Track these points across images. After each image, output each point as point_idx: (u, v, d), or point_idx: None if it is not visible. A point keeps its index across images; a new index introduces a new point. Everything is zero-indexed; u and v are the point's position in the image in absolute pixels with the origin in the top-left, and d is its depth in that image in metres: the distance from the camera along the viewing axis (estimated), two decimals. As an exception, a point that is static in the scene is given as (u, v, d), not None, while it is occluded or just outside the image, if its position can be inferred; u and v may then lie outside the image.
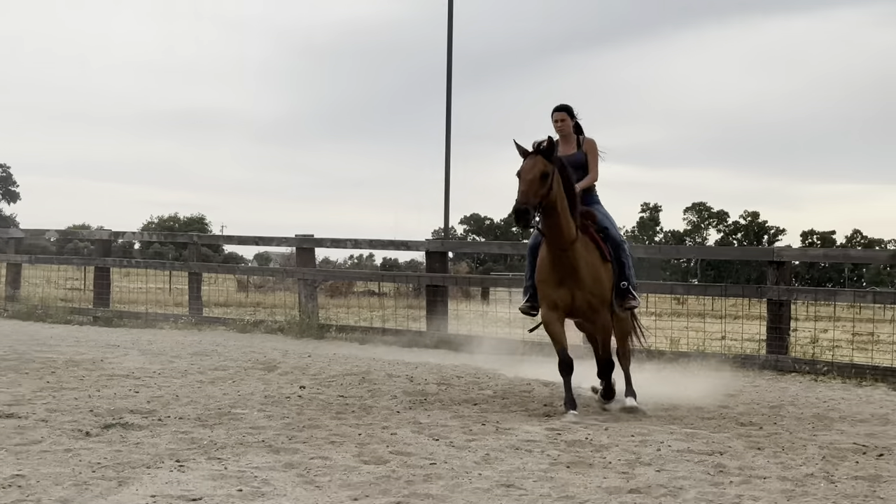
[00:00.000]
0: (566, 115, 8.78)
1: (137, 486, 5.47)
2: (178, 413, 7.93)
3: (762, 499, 5.54)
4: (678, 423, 8.14)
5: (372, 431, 7.34)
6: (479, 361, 12.49)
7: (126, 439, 6.78)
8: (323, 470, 5.98)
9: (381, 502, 5.26)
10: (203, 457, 6.23)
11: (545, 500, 5.39)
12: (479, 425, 7.89)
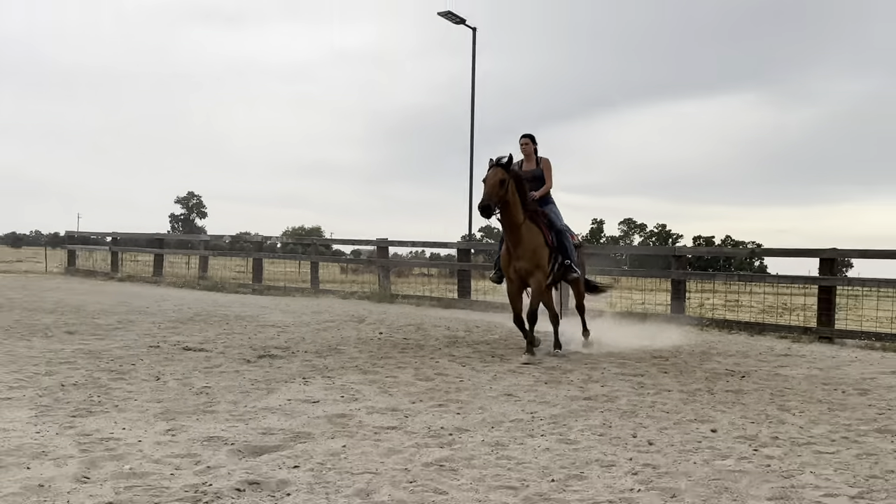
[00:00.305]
0: (529, 140, 8.60)
1: (279, 393, 5.66)
2: (303, 349, 8.06)
3: (668, 404, 5.69)
4: (616, 357, 8.22)
5: (423, 360, 7.50)
6: (491, 318, 12.50)
7: (272, 364, 6.95)
8: (393, 384, 6.18)
9: (429, 404, 5.44)
10: (319, 376, 6.42)
11: (531, 404, 5.57)
12: (490, 357, 8.09)
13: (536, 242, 7.91)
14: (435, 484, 3.57)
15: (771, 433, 4.87)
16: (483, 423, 4.86)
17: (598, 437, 4.60)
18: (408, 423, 4.81)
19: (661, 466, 4.01)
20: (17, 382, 5.65)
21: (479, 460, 4.00)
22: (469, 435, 4.54)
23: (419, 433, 4.55)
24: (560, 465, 3.95)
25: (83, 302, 13.33)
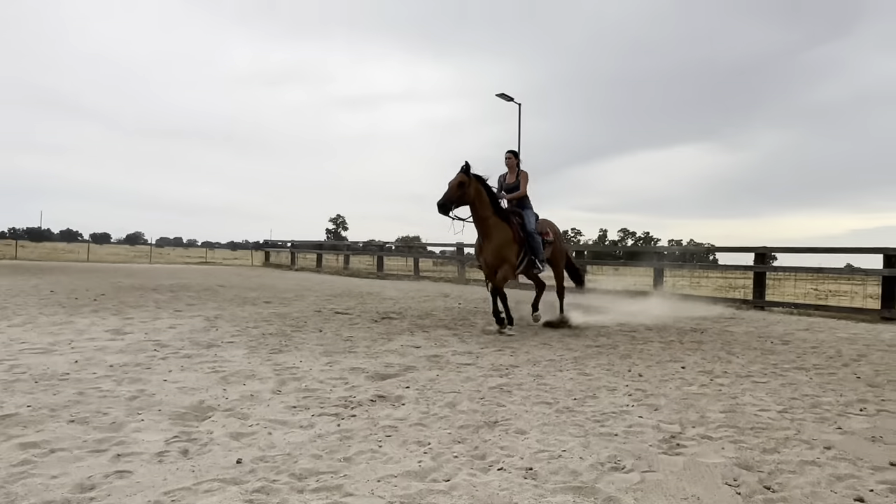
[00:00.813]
0: (512, 155, 6.92)
1: (395, 341, 5.73)
2: (410, 313, 8.13)
3: (652, 350, 5.55)
4: (616, 319, 8.03)
5: (489, 321, 7.46)
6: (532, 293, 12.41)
7: (390, 323, 7.04)
8: (469, 336, 6.18)
9: (492, 349, 5.43)
10: (420, 331, 6.47)
11: (560, 350, 5.51)
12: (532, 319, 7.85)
13: (503, 238, 6.40)
14: (497, 400, 3.58)
15: (722, 369, 4.71)
16: (528, 362, 4.84)
17: (605, 372, 4.52)
18: (478, 361, 4.83)
19: (648, 390, 3.92)
20: (237, 333, 5.88)
21: (525, 385, 3.99)
22: (519, 369, 4.53)
23: (486, 367, 4.56)
24: (580, 389, 3.91)
25: (274, 284, 13.75)
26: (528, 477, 2.41)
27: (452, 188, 6.12)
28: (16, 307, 7.20)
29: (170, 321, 6.51)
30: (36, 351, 4.56)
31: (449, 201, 6.12)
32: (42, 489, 2.11)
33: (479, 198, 6.32)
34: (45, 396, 3.28)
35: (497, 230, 6.42)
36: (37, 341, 4.97)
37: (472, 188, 6.23)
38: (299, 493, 2.18)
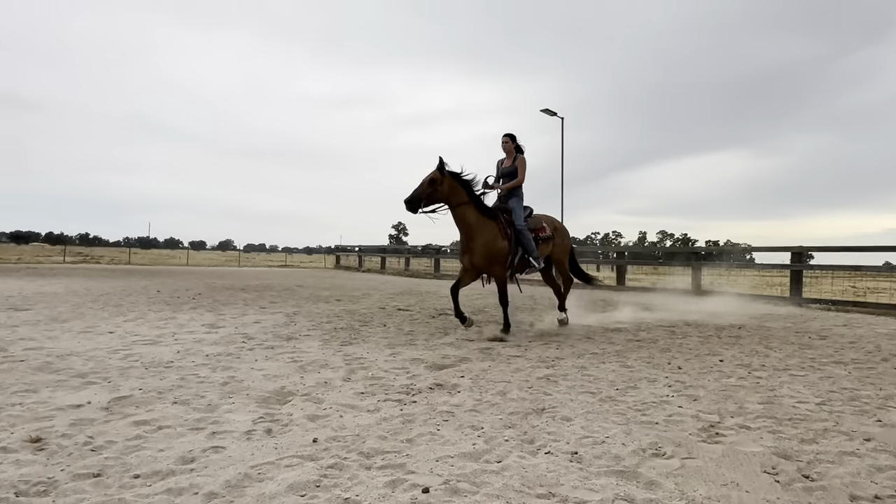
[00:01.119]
0: (509, 139, 5.75)
1: (451, 335, 5.72)
2: (465, 310, 8.12)
3: (690, 344, 5.34)
4: (655, 315, 7.76)
5: (535, 316, 7.35)
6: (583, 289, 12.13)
7: (447, 319, 7.05)
8: (517, 328, 6.08)
9: (539, 342, 5.36)
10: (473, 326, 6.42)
11: (602, 343, 5.39)
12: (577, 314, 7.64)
13: (489, 236, 5.41)
14: (544, 389, 3.53)
15: (759, 362, 4.48)
16: (572, 354, 4.75)
17: (646, 364, 4.39)
18: (526, 353, 4.77)
19: (687, 382, 3.78)
20: (312, 327, 6.03)
21: (570, 376, 3.92)
22: (564, 361, 4.45)
23: (533, 359, 4.50)
24: (621, 380, 3.81)
25: (344, 284, 14.05)
26: (574, 460, 2.37)
27: (423, 185, 5.27)
28: (130, 305, 7.65)
29: (255, 317, 6.75)
30: (146, 342, 4.82)
31: (417, 198, 5.26)
32: (152, 461, 2.23)
33: (455, 195, 5.37)
34: (154, 381, 3.47)
35: (481, 228, 5.43)
36: (146, 334, 5.26)
37: (444, 185, 5.33)
38: (367, 469, 2.22)
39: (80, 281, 12.33)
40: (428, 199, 5.31)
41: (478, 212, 5.46)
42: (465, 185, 5.45)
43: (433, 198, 5.33)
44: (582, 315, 7.66)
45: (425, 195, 5.28)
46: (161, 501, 1.89)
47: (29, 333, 5.04)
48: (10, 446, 2.31)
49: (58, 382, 3.36)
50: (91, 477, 2.06)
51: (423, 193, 5.27)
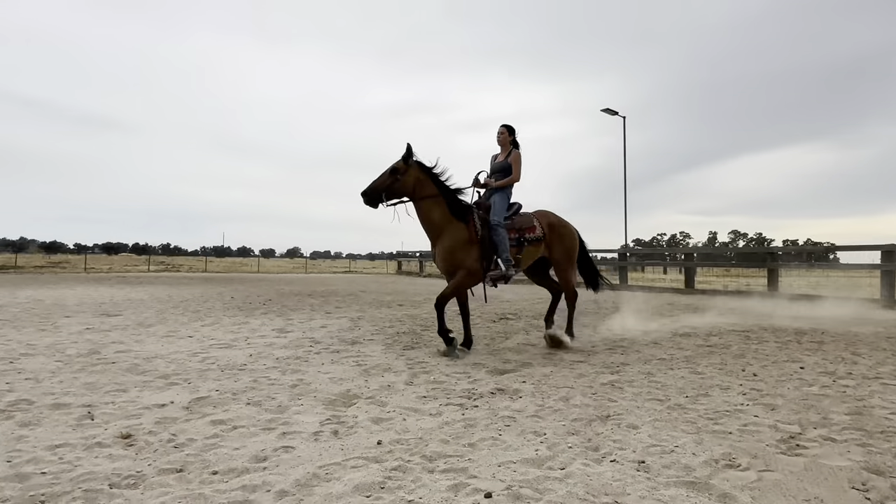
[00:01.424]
0: (506, 130, 5.01)
1: (512, 339, 5.68)
2: (526, 315, 8.04)
3: (767, 350, 5.04)
4: (729, 319, 7.37)
5: (597, 320, 7.18)
6: (643, 295, 11.71)
7: (507, 323, 7.01)
8: (580, 333, 5.94)
9: (603, 347, 5.23)
10: (535, 331, 6.37)
11: (671, 349, 5.19)
12: (641, 318, 7.40)
13: (456, 239, 4.66)
14: (608, 395, 3.44)
15: (846, 370, 4.17)
16: (638, 360, 4.60)
17: (718, 370, 4.18)
18: (590, 358, 4.67)
19: (764, 390, 3.57)
20: (376, 331, 6.16)
21: (636, 382, 3.80)
22: (629, 367, 4.32)
23: (597, 364, 4.40)
24: (691, 388, 3.65)
25: (405, 289, 14.26)
26: (641, 469, 2.29)
27: (383, 175, 4.63)
28: (206, 311, 8.10)
29: (322, 321, 6.98)
30: (221, 346, 5.10)
31: (375, 191, 4.58)
32: (228, 458, 2.36)
33: (421, 188, 4.69)
34: (229, 383, 3.66)
35: (447, 227, 4.71)
36: (222, 338, 5.56)
37: (409, 177, 4.65)
38: (430, 472, 2.24)
39: (162, 288, 13.19)
40: (389, 192, 4.63)
41: (446, 208, 4.73)
42: (434, 177, 4.76)
43: (395, 190, 4.64)
44: (647, 320, 7.40)
45: (385, 186, 4.60)
46: (237, 497, 1.99)
47: (119, 337, 5.45)
48: (105, 441, 2.51)
49: (144, 383, 3.61)
50: (174, 472, 2.20)
51: (384, 185, 4.60)
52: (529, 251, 5.04)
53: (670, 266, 24.81)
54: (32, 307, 8.18)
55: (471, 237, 4.70)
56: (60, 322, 6.55)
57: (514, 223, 4.97)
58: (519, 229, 4.97)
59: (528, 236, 5.01)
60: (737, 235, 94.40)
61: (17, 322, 6.46)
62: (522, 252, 4.96)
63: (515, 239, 4.92)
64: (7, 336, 5.41)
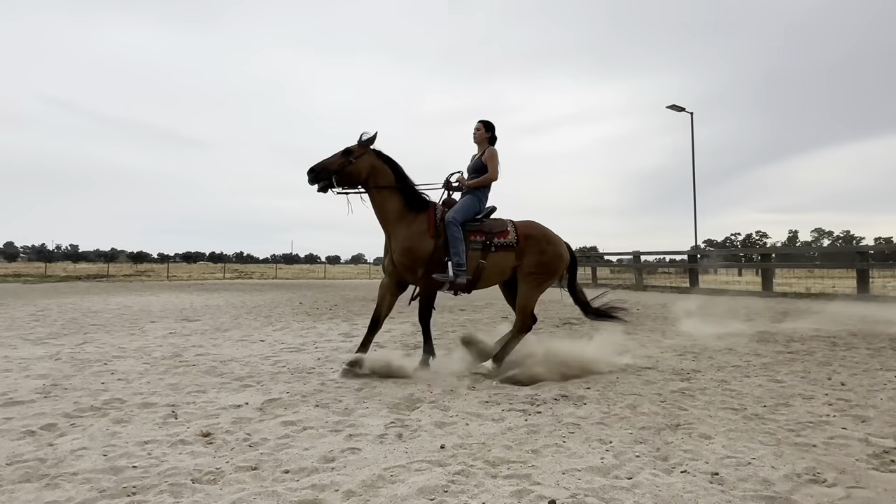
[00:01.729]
0: (482, 126, 4.44)
1: (582, 344, 5.55)
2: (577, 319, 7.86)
3: (857, 357, 4.68)
4: (811, 323, 6.89)
5: (667, 325, 6.93)
6: (712, 299, 11.17)
7: (571, 328, 6.90)
8: (648, 340, 5.77)
9: (672, 354, 5.05)
10: (599, 336, 6.21)
11: (746, 356, 4.92)
12: (714, 324, 7.06)
13: (411, 233, 4.14)
14: (679, 403, 3.31)
15: (951, 382, 3.79)
16: (711, 367, 4.39)
17: (800, 379, 3.93)
18: (658, 364, 4.51)
19: (853, 401, 3.32)
20: (437, 336, 6.19)
21: (709, 390, 3.63)
22: (701, 374, 4.14)
23: (666, 371, 4.24)
24: (770, 396, 3.45)
25: (466, 294, 14.26)
26: (714, 482, 2.19)
27: (334, 156, 4.14)
28: (277, 316, 8.47)
29: (385, 326, 7.10)
30: (291, 350, 5.31)
31: (325, 170, 4.08)
32: (298, 458, 2.46)
33: (376, 176, 4.21)
34: (299, 385, 3.81)
35: (403, 220, 4.20)
36: (291, 342, 5.79)
37: (363, 162, 4.16)
38: (493, 478, 2.24)
39: (236, 295, 13.91)
40: (339, 176, 4.12)
41: (403, 200, 4.24)
42: (392, 166, 4.28)
43: (346, 173, 4.14)
44: (720, 324, 7.06)
45: (336, 168, 4.09)
46: (307, 496, 2.07)
47: (199, 341, 5.80)
48: (187, 439, 2.68)
49: (222, 385, 3.83)
50: (250, 470, 2.32)
51: (334, 165, 4.09)
52: (496, 259, 4.24)
53: (746, 268, 23.52)
54: (123, 313, 8.86)
55: (431, 232, 4.15)
56: (147, 327, 7.05)
57: (483, 225, 4.29)
58: (488, 232, 4.26)
59: (496, 241, 4.25)
60: (821, 234, 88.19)
61: (109, 327, 7.02)
62: (487, 258, 4.21)
63: (480, 242, 4.22)
64: (101, 340, 5.88)
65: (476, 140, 4.51)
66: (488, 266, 4.22)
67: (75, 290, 16.08)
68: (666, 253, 17.65)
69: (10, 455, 2.45)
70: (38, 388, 3.69)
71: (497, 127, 4.53)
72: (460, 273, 4.08)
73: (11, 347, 5.35)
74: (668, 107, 19.66)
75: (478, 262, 4.18)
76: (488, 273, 4.23)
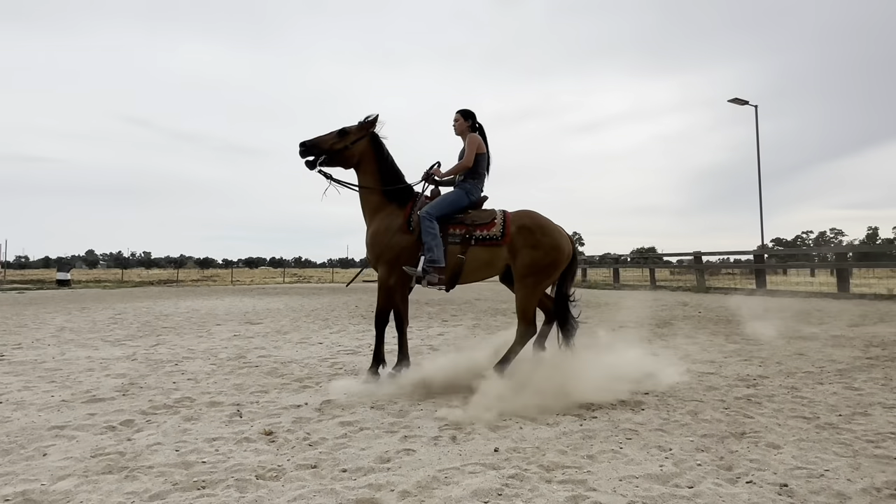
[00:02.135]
0: (460, 116, 4.10)
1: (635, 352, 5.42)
2: (646, 323, 7.65)
3: None
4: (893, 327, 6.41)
5: (731, 329, 6.63)
6: (785, 300, 10.59)
7: (629, 333, 6.69)
8: (710, 345, 5.55)
9: (736, 359, 4.84)
10: (658, 339, 6.05)
11: (820, 361, 4.65)
12: (784, 327, 6.71)
13: (384, 226, 3.92)
14: (744, 411, 3.17)
15: None
16: (780, 373, 4.18)
17: (881, 387, 3.67)
18: (721, 370, 4.33)
19: (940, 411, 3.07)
20: (489, 340, 6.21)
21: (777, 398, 3.45)
22: (769, 380, 3.94)
23: (730, 377, 4.07)
24: (846, 405, 3.24)
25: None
26: (783, 493, 2.09)
27: (329, 134, 3.95)
28: (334, 319, 8.70)
29: (439, 329, 7.17)
30: (348, 352, 5.45)
31: (316, 147, 3.91)
32: (355, 457, 2.52)
33: (366, 163, 4.01)
34: (354, 387, 3.90)
35: (380, 212, 4.00)
36: (348, 344, 5.94)
37: (360, 146, 3.97)
38: (547, 482, 2.22)
39: (296, 298, 14.39)
40: (332, 156, 3.95)
41: (383, 194, 4.02)
42: (378, 153, 4.08)
43: (339, 155, 3.96)
44: (788, 327, 6.69)
45: (328, 147, 3.92)
46: (364, 495, 2.13)
47: (261, 343, 6.05)
48: (251, 437, 2.81)
49: (282, 385, 3.98)
50: (309, 468, 2.40)
51: (328, 143, 3.92)
52: (477, 253, 3.85)
53: (818, 268, 22.15)
54: (191, 316, 9.35)
55: (404, 226, 3.90)
56: (213, 329, 7.41)
57: (466, 217, 3.92)
58: (469, 224, 3.87)
59: (477, 234, 3.84)
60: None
61: (179, 329, 7.43)
62: (467, 253, 3.84)
63: (459, 236, 3.85)
64: (172, 342, 6.24)
65: (457, 132, 4.17)
66: (468, 261, 3.83)
67: (148, 294, 17.11)
68: (729, 253, 16.86)
69: (94, 448, 2.64)
70: (117, 386, 3.96)
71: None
72: (430, 269, 3.77)
73: (94, 348, 5.76)
74: (729, 100, 18.82)
75: (456, 256, 3.82)
76: (469, 268, 3.85)
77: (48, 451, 2.61)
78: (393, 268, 3.90)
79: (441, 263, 3.77)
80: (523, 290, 3.82)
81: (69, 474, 2.32)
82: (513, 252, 3.83)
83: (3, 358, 5.13)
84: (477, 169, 4.02)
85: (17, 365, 4.77)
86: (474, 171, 4.02)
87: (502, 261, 3.88)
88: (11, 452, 2.59)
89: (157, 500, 2.08)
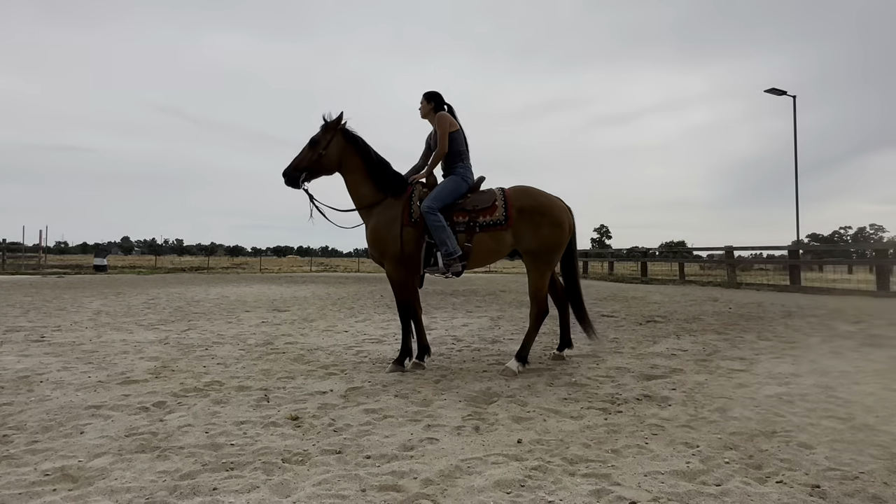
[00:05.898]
0: (424, 100, 4.03)
1: (661, 344, 5.36)
2: (675, 317, 7.52)
3: None
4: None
5: (763, 326, 6.47)
6: (818, 299, 10.27)
7: (655, 326, 6.61)
8: (741, 342, 5.44)
9: (768, 356, 4.72)
10: (687, 335, 5.95)
11: (856, 361, 4.49)
12: (820, 325, 6.51)
13: (385, 219, 3.87)
14: (775, 409, 3.09)
15: None
16: (813, 372, 4.06)
17: (919, 389, 3.53)
18: (752, 367, 4.23)
19: None
20: (515, 331, 6.19)
21: (810, 397, 3.36)
22: (801, 379, 3.83)
23: (761, 374, 3.97)
24: (884, 406, 3.13)
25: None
26: (815, 495, 2.03)
27: (304, 151, 3.92)
28: (359, 308, 8.79)
29: (463, 320, 7.18)
30: (373, 341, 5.50)
31: (296, 169, 3.88)
32: (379, 444, 2.55)
33: (348, 161, 3.95)
34: (380, 375, 3.93)
35: (376, 209, 3.93)
36: (373, 333, 5.99)
37: (334, 147, 3.89)
38: (571, 475, 2.21)
39: (322, 287, 14.57)
40: (314, 168, 3.92)
41: (373, 184, 3.95)
42: (358, 146, 3.98)
43: (320, 166, 3.92)
44: (823, 325, 6.49)
45: (307, 164, 3.90)
46: (387, 481, 2.15)
47: (288, 330, 6.15)
48: (278, 422, 2.86)
49: (308, 372, 4.04)
50: (334, 453, 2.44)
51: (304, 161, 3.90)
52: (482, 239, 3.84)
53: (857, 265, 21.40)
54: (221, 302, 9.56)
55: (406, 219, 3.84)
56: (242, 316, 7.57)
57: (467, 202, 3.88)
58: (471, 211, 3.85)
59: (480, 220, 3.83)
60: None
61: (210, 315, 7.61)
62: (473, 240, 3.83)
63: (464, 223, 3.83)
64: (203, 327, 6.39)
65: (423, 116, 4.10)
66: (475, 248, 3.85)
67: (180, 280, 17.55)
68: (763, 248, 16.38)
69: (129, 428, 2.73)
70: (150, 368, 4.08)
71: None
72: (451, 262, 3.76)
73: (128, 332, 5.94)
74: (766, 91, 18.23)
75: (463, 245, 3.83)
76: (477, 255, 3.87)
77: (85, 429, 2.71)
78: (399, 261, 3.89)
79: (458, 252, 3.77)
80: (534, 272, 3.92)
81: (104, 452, 2.40)
82: (517, 235, 3.88)
83: (43, 339, 5.34)
84: (456, 148, 3.93)
85: (56, 346, 4.96)
86: (455, 151, 3.92)
87: (508, 245, 3.92)
88: (51, 429, 2.69)
89: (187, 480, 2.13)
